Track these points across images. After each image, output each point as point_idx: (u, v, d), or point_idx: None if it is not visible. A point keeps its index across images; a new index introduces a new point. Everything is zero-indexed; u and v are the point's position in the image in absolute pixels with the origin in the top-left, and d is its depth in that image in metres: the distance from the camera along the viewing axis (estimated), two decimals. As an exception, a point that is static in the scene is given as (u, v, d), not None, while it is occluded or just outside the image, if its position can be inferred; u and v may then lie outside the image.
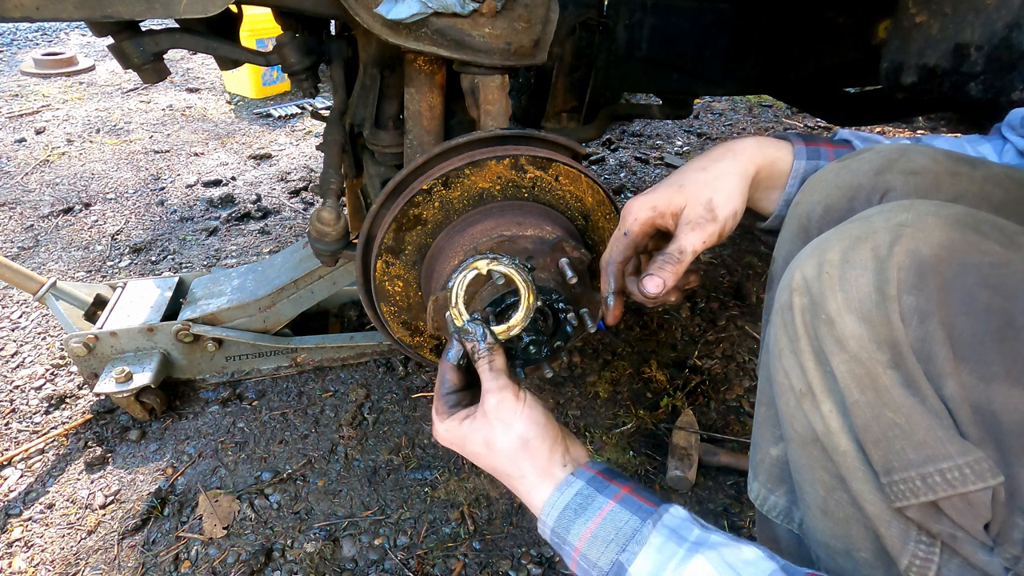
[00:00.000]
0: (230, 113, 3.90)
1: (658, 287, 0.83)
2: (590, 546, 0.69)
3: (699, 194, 0.86)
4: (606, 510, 0.70)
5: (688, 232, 0.85)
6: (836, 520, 0.67)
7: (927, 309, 0.57)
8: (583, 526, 0.70)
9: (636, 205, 0.89)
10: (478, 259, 0.94)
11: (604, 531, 0.69)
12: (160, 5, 1.01)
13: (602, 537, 0.69)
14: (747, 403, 1.83)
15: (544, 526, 0.75)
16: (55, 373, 1.84)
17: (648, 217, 0.88)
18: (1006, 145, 0.89)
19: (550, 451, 0.78)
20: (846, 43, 1.85)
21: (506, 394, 0.80)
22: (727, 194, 0.86)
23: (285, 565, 1.36)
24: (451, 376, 0.88)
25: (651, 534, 0.66)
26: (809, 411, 0.65)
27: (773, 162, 0.90)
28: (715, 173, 0.87)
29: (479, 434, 0.81)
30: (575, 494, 0.73)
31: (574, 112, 1.97)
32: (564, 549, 0.73)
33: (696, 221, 0.85)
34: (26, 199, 2.80)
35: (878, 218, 0.64)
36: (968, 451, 0.56)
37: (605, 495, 0.72)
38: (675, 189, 0.88)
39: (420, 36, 1.09)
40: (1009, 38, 1.18)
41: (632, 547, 0.66)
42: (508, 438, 0.79)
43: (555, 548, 0.75)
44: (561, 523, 0.72)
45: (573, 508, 0.72)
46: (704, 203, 0.85)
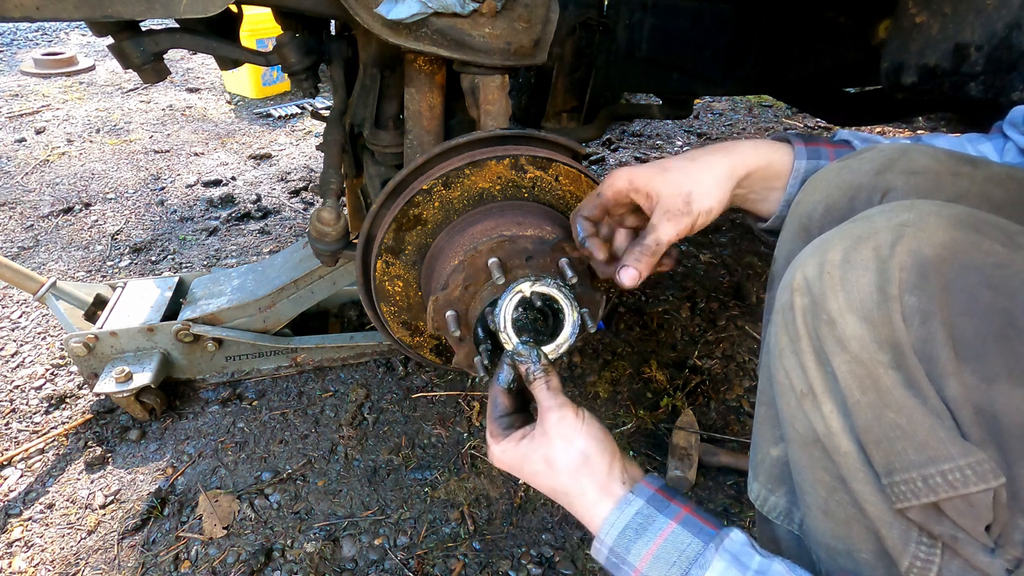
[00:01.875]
0: (230, 113, 3.90)
1: (634, 279, 0.86)
2: (652, 567, 0.68)
3: (680, 182, 0.86)
4: (667, 531, 0.70)
5: (664, 222, 0.86)
6: (837, 521, 0.67)
7: (929, 309, 0.57)
8: (644, 547, 0.70)
9: (616, 174, 0.91)
10: (521, 282, 0.95)
11: (666, 552, 0.68)
12: (160, 5, 1.01)
13: (664, 559, 0.68)
14: (747, 403, 1.83)
15: (602, 545, 0.74)
16: (55, 373, 1.84)
17: (623, 187, 0.90)
18: (1007, 144, 0.89)
19: (609, 467, 0.78)
20: (846, 43, 1.85)
21: (566, 411, 0.81)
22: (706, 188, 0.86)
23: (285, 565, 1.36)
24: (503, 400, 0.89)
25: (714, 558, 0.66)
26: (810, 411, 0.65)
27: (768, 164, 0.90)
28: (701, 165, 0.88)
29: (539, 452, 0.81)
30: (635, 513, 0.73)
31: (574, 112, 1.97)
32: (622, 570, 0.72)
33: (672, 212, 0.86)
34: (26, 199, 2.80)
35: (880, 218, 0.63)
36: (969, 452, 0.56)
37: (666, 515, 0.72)
38: (658, 170, 0.88)
39: (420, 36, 1.09)
40: (1009, 38, 1.18)
41: (695, 571, 0.66)
42: (569, 455, 0.78)
43: (610, 570, 0.74)
44: (621, 543, 0.71)
45: (634, 528, 0.72)
46: (683, 194, 0.86)
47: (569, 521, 1.47)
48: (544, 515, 1.49)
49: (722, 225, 2.71)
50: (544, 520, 1.48)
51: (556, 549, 1.42)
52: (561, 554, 1.40)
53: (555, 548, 1.42)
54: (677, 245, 0.92)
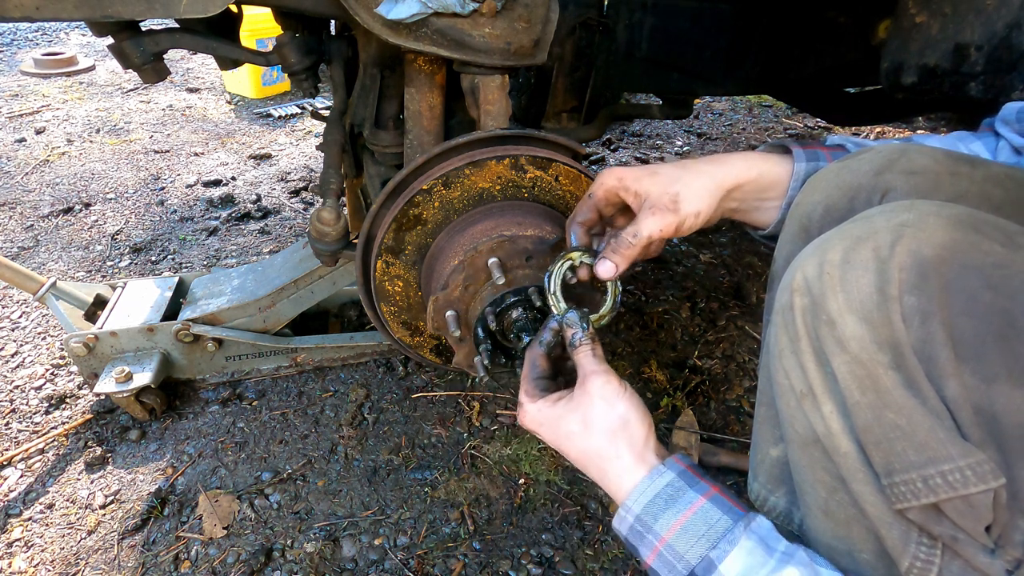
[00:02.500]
0: (230, 113, 3.90)
1: (609, 271, 0.88)
2: (679, 537, 0.69)
3: (668, 184, 0.88)
4: (697, 504, 0.71)
5: (648, 216, 0.87)
6: (837, 521, 0.67)
7: (928, 310, 0.57)
8: (673, 517, 0.71)
9: (606, 174, 0.92)
10: (572, 251, 0.96)
11: (695, 525, 0.69)
12: (160, 5, 1.01)
13: (692, 531, 0.69)
14: (747, 403, 1.83)
15: (627, 513, 0.75)
16: (55, 373, 1.84)
17: (612, 186, 0.92)
18: (1000, 142, 0.89)
19: (646, 436, 0.80)
20: (846, 43, 1.85)
21: (611, 377, 0.83)
22: (694, 192, 0.87)
23: (285, 565, 1.36)
24: (541, 362, 0.91)
25: (742, 537, 0.67)
26: (810, 412, 0.65)
27: (759, 176, 0.91)
28: (691, 172, 0.89)
29: (577, 413, 0.82)
30: (666, 484, 0.74)
31: (574, 112, 1.97)
32: (646, 539, 0.72)
33: (658, 207, 0.86)
34: (26, 199, 2.80)
35: (879, 218, 0.64)
36: (969, 453, 0.56)
37: (696, 490, 0.73)
38: (648, 172, 0.90)
39: (420, 36, 1.09)
40: (1009, 38, 1.18)
41: (723, 545, 0.67)
42: (610, 417, 0.80)
43: (632, 540, 0.75)
44: (649, 511, 0.73)
45: (664, 498, 0.73)
46: (671, 194, 0.87)
47: (569, 521, 1.48)
48: (544, 515, 1.49)
49: (722, 225, 2.71)
50: (544, 520, 1.48)
51: (556, 549, 1.42)
52: (561, 554, 1.40)
53: (555, 548, 1.42)
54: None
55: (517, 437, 1.67)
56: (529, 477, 1.57)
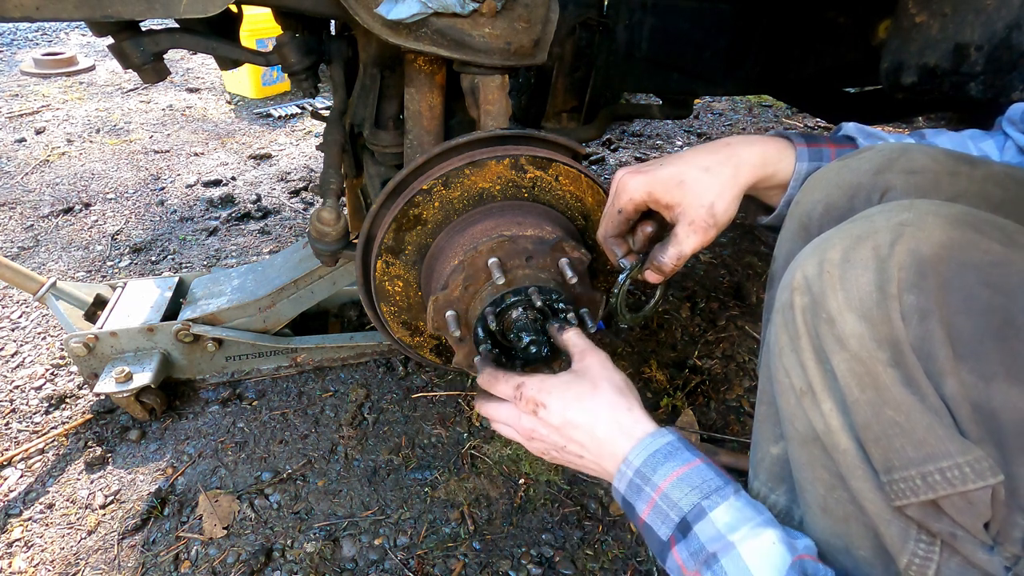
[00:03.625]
0: (230, 113, 3.90)
1: (659, 281, 0.95)
2: (675, 487, 0.73)
3: (702, 195, 0.89)
4: (695, 463, 0.75)
5: (690, 233, 0.89)
6: (836, 519, 0.67)
7: (927, 308, 0.58)
8: (671, 469, 0.75)
9: (632, 184, 0.93)
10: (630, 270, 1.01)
11: (691, 478, 0.73)
12: (160, 5, 1.01)
13: (688, 482, 0.73)
14: (747, 403, 1.83)
15: (628, 468, 0.78)
16: (55, 373, 1.84)
17: (643, 200, 0.93)
18: (1007, 142, 0.90)
19: (632, 404, 0.85)
20: (846, 43, 1.86)
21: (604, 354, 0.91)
22: (727, 203, 0.89)
23: (285, 565, 1.36)
24: None
25: (732, 495, 0.71)
26: (809, 409, 0.65)
27: (774, 174, 0.93)
28: (718, 178, 0.90)
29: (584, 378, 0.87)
30: (666, 443, 0.78)
31: (574, 112, 1.97)
32: (643, 492, 0.76)
33: (698, 223, 0.89)
34: (26, 199, 2.80)
35: (879, 217, 0.64)
36: (968, 450, 0.56)
37: (692, 453, 0.77)
38: (675, 182, 0.90)
39: (420, 36, 1.09)
40: (1009, 38, 1.18)
41: (715, 497, 0.71)
42: (616, 379, 0.86)
43: (628, 497, 0.78)
44: (649, 463, 0.76)
45: (664, 453, 0.77)
46: (707, 206, 0.88)
47: (569, 521, 1.48)
48: (544, 515, 1.49)
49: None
50: (544, 520, 1.48)
51: (556, 549, 1.42)
52: (561, 554, 1.40)
53: (555, 548, 1.42)
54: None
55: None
56: (529, 477, 1.57)
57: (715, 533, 0.68)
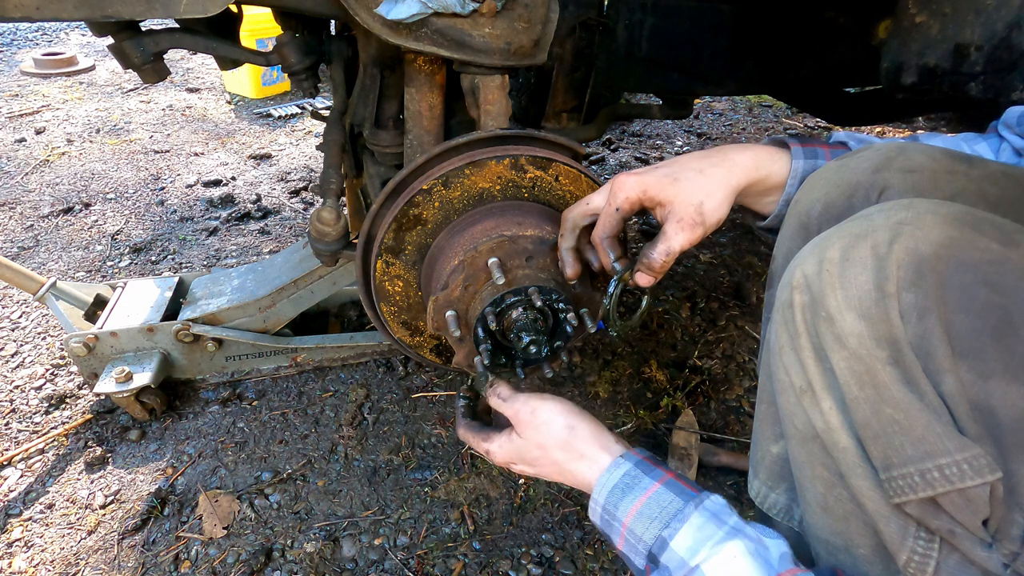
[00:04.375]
0: (230, 113, 3.90)
1: (649, 283, 0.93)
2: (636, 521, 0.75)
3: (692, 193, 0.89)
4: (652, 490, 0.76)
5: (678, 231, 0.88)
6: (836, 517, 0.67)
7: (926, 306, 0.58)
8: (630, 503, 0.76)
9: (628, 184, 0.93)
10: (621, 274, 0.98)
11: (649, 509, 0.75)
12: (160, 5, 1.01)
13: (647, 514, 0.74)
14: (747, 403, 1.83)
15: (596, 504, 0.81)
16: (55, 373, 1.84)
17: (638, 197, 0.93)
18: (1003, 144, 0.90)
19: (596, 432, 0.87)
20: (846, 43, 1.85)
21: (531, 401, 0.92)
22: (716, 202, 0.89)
23: (285, 565, 1.36)
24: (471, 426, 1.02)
25: (692, 514, 0.71)
26: (809, 408, 0.65)
27: (767, 176, 0.93)
28: (710, 179, 0.90)
29: (529, 441, 0.90)
30: (623, 474, 0.80)
31: (574, 112, 1.97)
32: (613, 527, 0.78)
33: (686, 221, 0.88)
34: (26, 199, 2.80)
35: (878, 216, 0.64)
36: (966, 447, 0.56)
37: (651, 477, 0.78)
38: (669, 180, 0.90)
39: (420, 36, 1.09)
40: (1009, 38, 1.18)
41: (675, 524, 0.71)
42: (555, 430, 0.87)
43: (604, 529, 0.81)
44: (611, 500, 0.79)
45: (621, 487, 0.78)
46: (695, 204, 0.88)
47: (569, 521, 1.48)
48: (544, 515, 1.49)
49: (723, 225, 2.71)
50: (544, 520, 1.48)
51: (556, 549, 1.42)
52: (561, 554, 1.41)
53: (555, 548, 1.42)
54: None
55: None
56: (529, 477, 1.57)
57: (679, 560, 0.69)
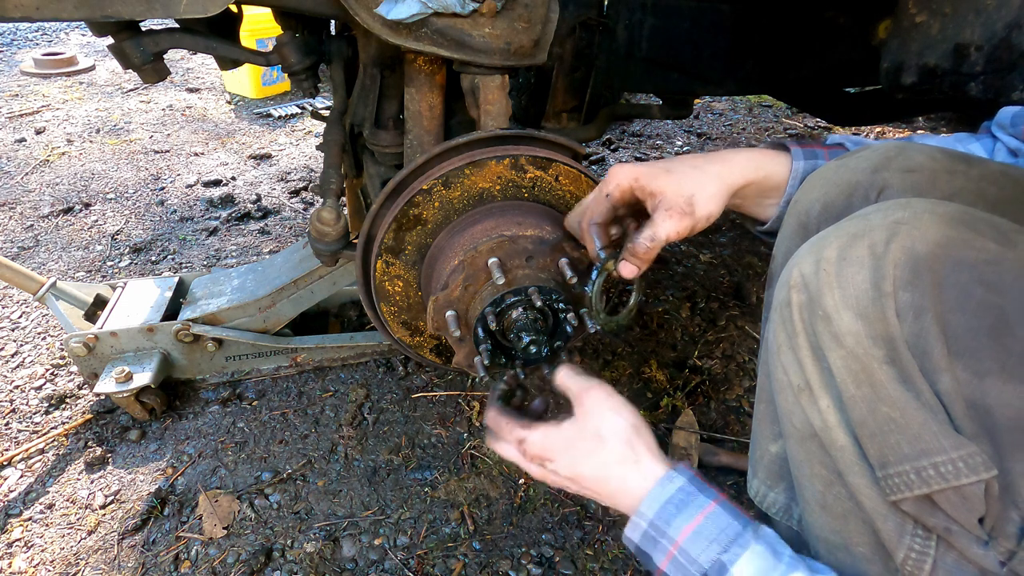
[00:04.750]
0: (230, 113, 3.91)
1: (632, 272, 0.90)
2: (691, 542, 0.70)
3: (683, 185, 0.88)
4: (708, 509, 0.72)
5: (665, 219, 0.87)
6: (834, 515, 0.67)
7: (922, 305, 0.58)
8: (685, 521, 0.71)
9: (621, 172, 0.93)
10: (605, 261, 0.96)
11: (707, 529, 0.70)
12: (160, 5, 1.02)
13: (704, 535, 0.70)
14: (747, 403, 1.83)
15: (641, 519, 0.75)
16: (55, 373, 1.84)
17: (629, 186, 0.92)
18: (996, 144, 0.90)
19: (652, 440, 0.82)
20: (846, 43, 1.85)
21: (605, 386, 0.86)
22: (708, 195, 0.88)
23: (285, 565, 1.36)
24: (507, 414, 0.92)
25: (752, 541, 0.68)
26: (807, 406, 0.66)
27: (765, 177, 0.93)
28: (704, 173, 0.90)
29: (587, 429, 0.83)
30: (677, 489, 0.74)
31: (574, 112, 1.97)
32: (659, 545, 0.73)
33: (674, 209, 0.87)
34: (26, 199, 2.80)
35: (875, 216, 0.64)
36: (961, 445, 0.56)
37: (706, 495, 0.73)
38: (662, 170, 0.90)
39: (420, 36, 1.09)
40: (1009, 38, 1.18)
41: (735, 549, 0.68)
42: (621, 424, 0.82)
43: (644, 547, 0.75)
44: (663, 515, 0.73)
45: (675, 503, 0.73)
46: (686, 195, 0.88)
47: (569, 521, 1.48)
48: (544, 515, 1.49)
49: (722, 225, 2.71)
50: (544, 520, 1.48)
51: (556, 549, 1.42)
52: (561, 554, 1.41)
53: (555, 548, 1.42)
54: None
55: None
56: (529, 477, 1.57)
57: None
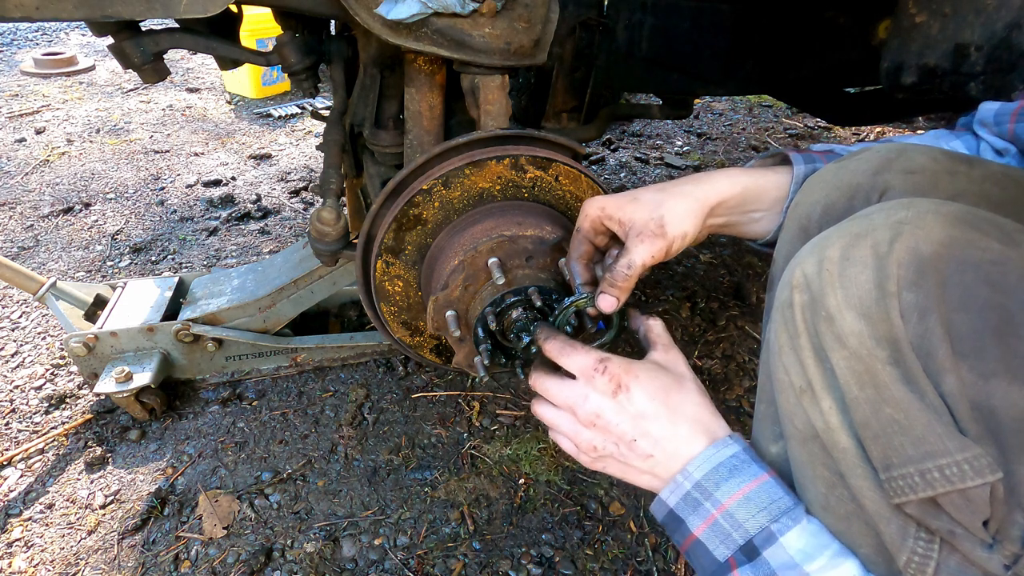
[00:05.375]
0: (230, 113, 3.90)
1: (612, 305, 0.88)
2: (741, 506, 0.70)
3: (651, 209, 0.88)
4: (762, 479, 0.71)
5: (637, 244, 0.87)
6: (836, 517, 0.67)
7: (926, 306, 0.58)
8: (736, 486, 0.71)
9: (589, 205, 0.93)
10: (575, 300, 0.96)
11: (759, 497, 0.70)
12: (160, 5, 1.01)
13: (756, 502, 0.70)
14: (747, 403, 1.83)
15: (685, 479, 0.74)
16: (55, 373, 1.84)
17: (596, 216, 0.92)
18: (981, 144, 0.90)
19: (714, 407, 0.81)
20: (846, 43, 1.85)
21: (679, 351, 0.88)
22: (678, 215, 0.88)
23: (285, 565, 1.36)
24: None
25: (805, 518, 0.68)
26: (809, 408, 0.65)
27: (743, 191, 0.92)
28: (672, 194, 0.89)
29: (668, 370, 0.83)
30: (732, 455, 0.74)
31: (574, 112, 1.97)
32: (701, 508, 0.72)
33: (645, 233, 0.87)
34: (26, 199, 2.80)
35: (878, 216, 0.64)
36: (966, 447, 0.56)
37: (759, 466, 0.73)
38: (628, 199, 0.90)
39: (420, 36, 1.09)
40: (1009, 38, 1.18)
41: (786, 520, 0.67)
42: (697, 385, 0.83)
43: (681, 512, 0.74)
44: (712, 477, 0.73)
45: (728, 467, 0.73)
46: (656, 219, 0.87)
47: (569, 521, 1.48)
48: (544, 515, 1.49)
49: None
50: (544, 520, 1.48)
51: (556, 549, 1.42)
52: (561, 554, 1.41)
53: (555, 548, 1.42)
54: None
55: (517, 437, 1.67)
56: (529, 477, 1.57)
57: (787, 560, 0.65)
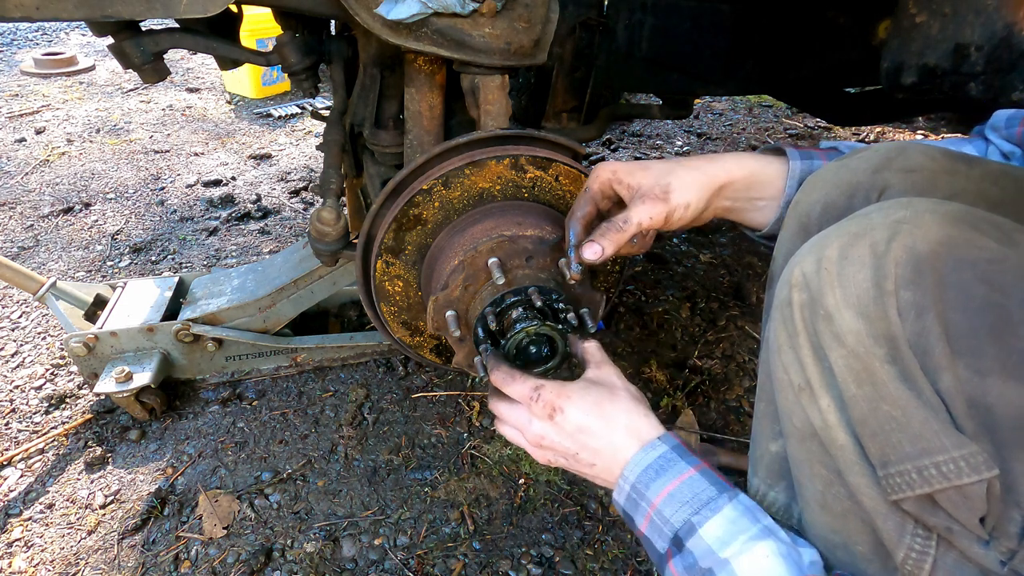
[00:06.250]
0: (230, 113, 3.91)
1: (596, 254, 0.89)
2: (666, 504, 0.73)
3: (660, 176, 0.90)
4: (686, 475, 0.74)
5: (639, 204, 0.89)
6: (834, 514, 0.67)
7: (924, 304, 0.58)
8: (663, 485, 0.74)
9: (600, 168, 0.96)
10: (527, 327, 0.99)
11: (681, 493, 0.73)
12: (160, 5, 1.02)
13: (678, 498, 0.73)
14: (747, 403, 1.83)
15: (625, 483, 0.79)
16: (55, 373, 1.84)
17: (607, 179, 0.94)
18: (989, 147, 0.90)
19: (648, 411, 0.84)
20: (846, 43, 1.85)
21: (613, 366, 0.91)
22: (685, 184, 0.90)
23: (285, 565, 1.36)
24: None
25: (726, 505, 0.70)
26: (807, 406, 0.66)
27: (750, 174, 0.93)
28: (682, 165, 0.92)
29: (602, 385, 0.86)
30: (659, 456, 0.77)
31: (574, 112, 1.97)
32: (640, 507, 0.76)
33: (648, 196, 0.89)
34: (26, 199, 2.80)
35: (876, 215, 0.64)
36: (963, 444, 0.56)
37: (687, 462, 0.76)
38: (640, 166, 0.93)
39: (420, 36, 1.09)
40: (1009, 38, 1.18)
41: (705, 512, 0.70)
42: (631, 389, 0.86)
43: (628, 511, 0.78)
44: (643, 479, 0.76)
45: (655, 468, 0.76)
46: (662, 185, 0.89)
47: (569, 521, 1.48)
48: (544, 515, 1.49)
49: (722, 225, 2.71)
50: (544, 520, 1.48)
51: (556, 549, 1.42)
52: (561, 554, 1.41)
53: (555, 548, 1.42)
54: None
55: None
56: (529, 477, 1.57)
57: (706, 548, 0.68)
